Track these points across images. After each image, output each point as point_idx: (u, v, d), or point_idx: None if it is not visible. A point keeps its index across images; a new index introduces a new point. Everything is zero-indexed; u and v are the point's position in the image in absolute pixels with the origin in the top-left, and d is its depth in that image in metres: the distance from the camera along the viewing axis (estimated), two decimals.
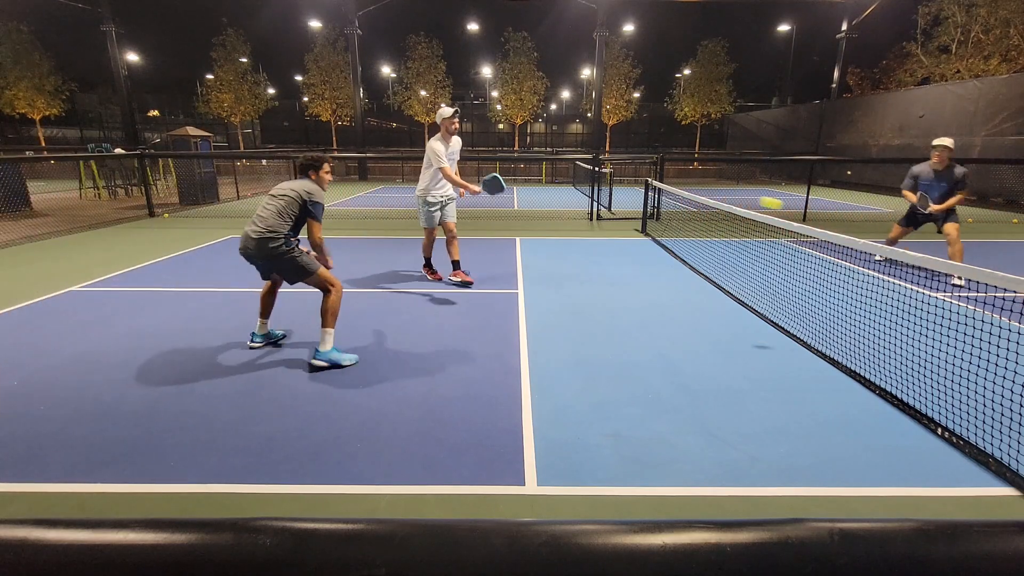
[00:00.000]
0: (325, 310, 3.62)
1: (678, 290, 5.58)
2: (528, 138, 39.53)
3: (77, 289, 5.44)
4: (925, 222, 6.22)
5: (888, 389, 3.26)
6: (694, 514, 2.26)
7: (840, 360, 3.70)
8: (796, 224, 4.19)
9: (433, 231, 5.79)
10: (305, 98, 30.03)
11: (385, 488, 2.38)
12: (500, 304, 5.03)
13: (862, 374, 3.47)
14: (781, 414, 3.03)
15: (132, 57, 26.24)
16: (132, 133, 20.24)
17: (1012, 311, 4.11)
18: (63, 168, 20.30)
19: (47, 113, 26.83)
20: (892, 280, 5.66)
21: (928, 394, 3.09)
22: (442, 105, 6.07)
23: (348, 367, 3.61)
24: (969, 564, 0.43)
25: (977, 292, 5.21)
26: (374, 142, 35.71)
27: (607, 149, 29.61)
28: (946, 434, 2.77)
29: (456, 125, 5.53)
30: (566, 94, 44.81)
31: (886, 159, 16.96)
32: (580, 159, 14.44)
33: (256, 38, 29.85)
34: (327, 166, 3.87)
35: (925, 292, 4.92)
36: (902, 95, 17.50)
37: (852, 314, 4.47)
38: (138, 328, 4.33)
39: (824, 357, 3.79)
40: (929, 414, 2.94)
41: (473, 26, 29.62)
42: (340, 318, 4.57)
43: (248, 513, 2.16)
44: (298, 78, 32.22)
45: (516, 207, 12.89)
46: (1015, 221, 10.62)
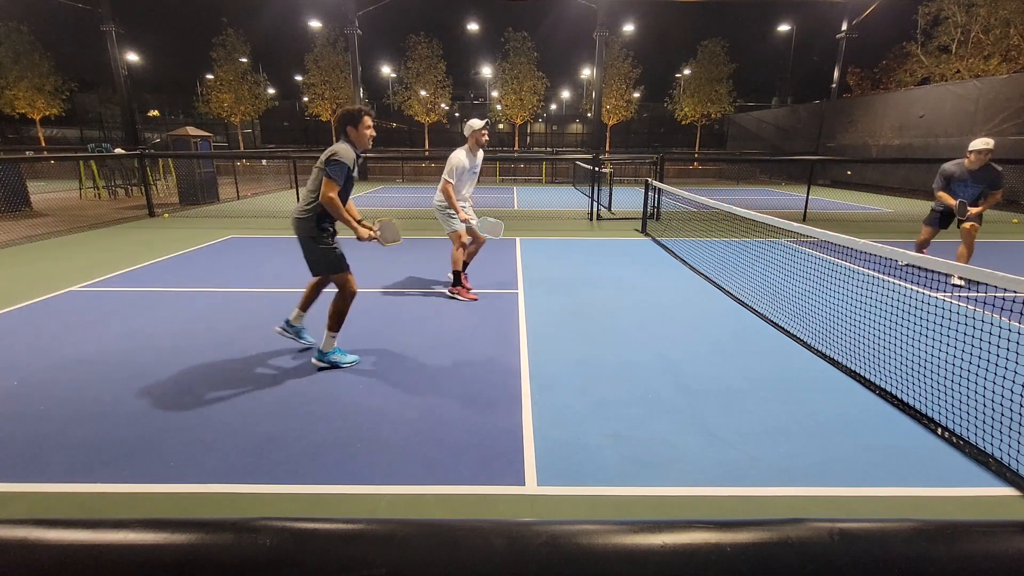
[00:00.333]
0: (333, 312, 3.55)
1: (678, 290, 5.58)
2: (528, 138, 39.54)
3: (77, 289, 5.44)
4: (950, 222, 5.87)
5: (888, 389, 3.26)
6: (694, 514, 2.26)
7: (840, 360, 3.70)
8: (796, 224, 4.19)
9: (461, 235, 5.18)
10: (305, 98, 30.04)
11: (385, 488, 2.38)
12: (500, 304, 5.03)
13: (862, 374, 3.47)
14: (781, 414, 3.03)
15: (132, 57, 26.24)
16: (132, 133, 20.22)
17: (1012, 311, 4.11)
18: (63, 168, 20.31)
19: (47, 113, 26.85)
20: (892, 280, 5.66)
21: (928, 394, 3.09)
22: (473, 117, 5.69)
23: (348, 367, 3.61)
24: (969, 564, 0.43)
25: (977, 292, 5.21)
26: (374, 142, 35.69)
27: (607, 149, 29.62)
28: (946, 434, 2.77)
29: (486, 138, 5.21)
30: (566, 94, 44.83)
31: (886, 159, 16.99)
32: (580, 159, 14.44)
33: (256, 38, 29.92)
34: (367, 119, 3.49)
35: (925, 292, 4.92)
36: (902, 95, 17.51)
37: (852, 314, 4.47)
38: (138, 328, 4.33)
39: (824, 357, 3.79)
40: (929, 414, 2.94)
41: (473, 26, 29.63)
42: (345, 319, 4.58)
43: (248, 513, 2.16)
44: (298, 78, 32.24)
45: (516, 207, 12.89)
46: (1015, 221, 10.62)
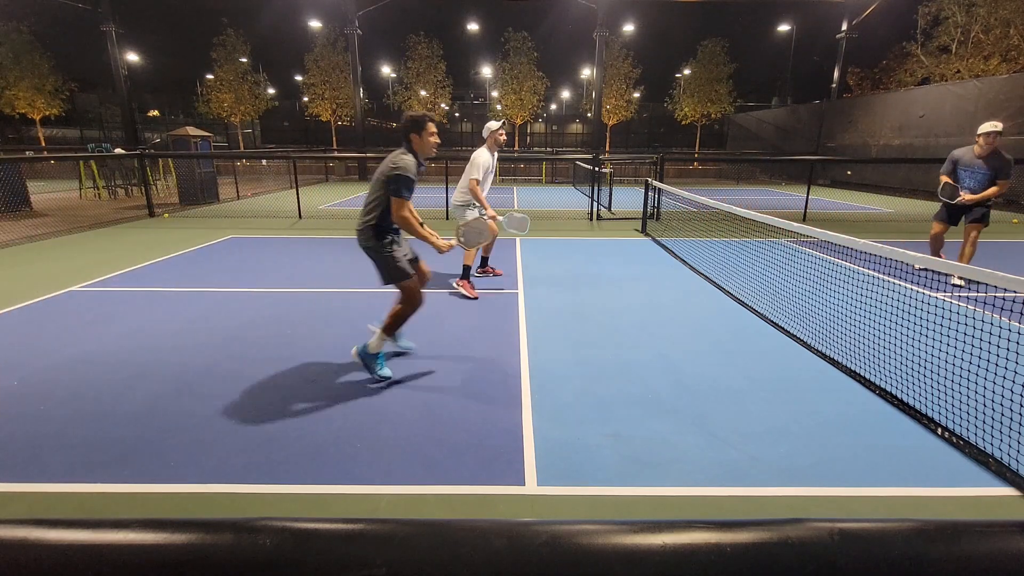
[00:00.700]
0: (392, 314, 3.38)
1: (678, 290, 5.58)
2: (528, 138, 39.53)
3: (77, 289, 5.44)
4: (962, 215, 5.73)
5: (888, 389, 3.26)
6: (694, 514, 2.26)
7: (840, 360, 3.70)
8: (796, 224, 4.19)
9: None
10: (305, 98, 30.03)
11: (385, 488, 2.38)
12: (500, 304, 5.03)
13: (862, 374, 3.47)
14: (781, 414, 3.03)
15: (132, 57, 26.26)
16: (132, 133, 20.23)
17: (1012, 311, 4.11)
18: (63, 168, 20.32)
19: (47, 113, 26.82)
20: (892, 280, 5.66)
21: (928, 394, 3.09)
22: (490, 120, 5.89)
23: (378, 380, 3.39)
24: (969, 564, 0.43)
25: (977, 292, 5.21)
26: (374, 142, 35.67)
27: (607, 149, 29.61)
28: (946, 434, 2.77)
29: (504, 137, 5.41)
30: (566, 94, 44.80)
31: (886, 159, 16.98)
32: (580, 159, 14.44)
33: (256, 38, 29.87)
34: (431, 126, 3.37)
35: (925, 292, 4.92)
36: (902, 95, 17.51)
37: (852, 314, 4.47)
38: (138, 328, 4.33)
39: (824, 357, 3.79)
40: (929, 414, 2.94)
41: (473, 26, 29.62)
42: (346, 319, 4.59)
43: (248, 513, 2.17)
44: (298, 78, 32.22)
45: (516, 207, 12.89)
46: (1015, 221, 10.62)
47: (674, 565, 0.43)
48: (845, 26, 21.51)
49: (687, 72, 29.50)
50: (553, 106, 45.81)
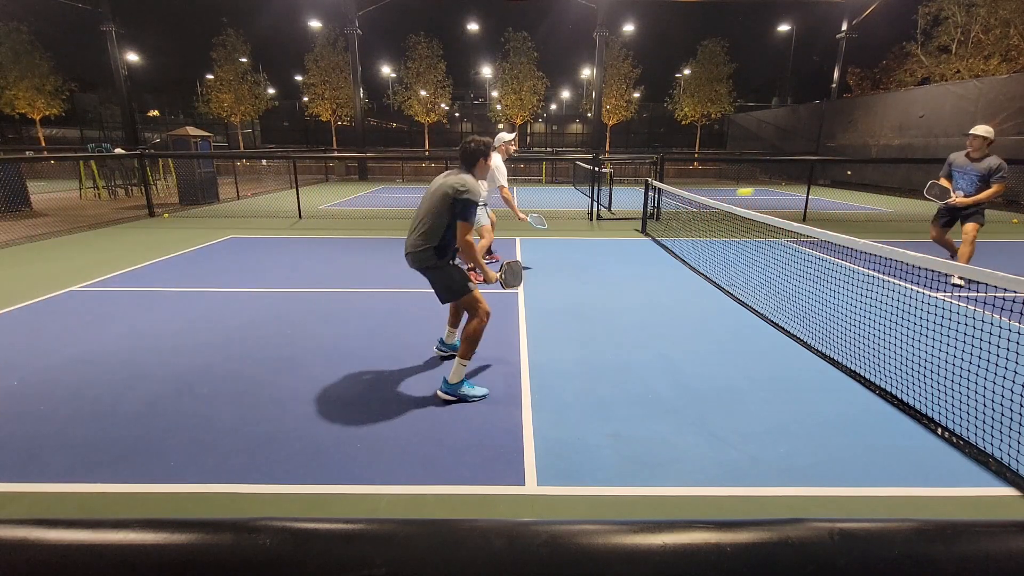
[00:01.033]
0: (465, 337, 3.17)
1: (678, 290, 5.58)
2: (528, 138, 39.53)
3: (77, 289, 5.44)
4: (957, 218, 5.80)
5: (888, 389, 3.26)
6: (694, 514, 2.26)
7: (840, 360, 3.70)
8: (796, 224, 4.19)
9: (487, 229, 6.05)
10: (305, 98, 30.02)
11: (385, 488, 2.38)
12: (500, 304, 5.02)
13: (862, 374, 3.47)
14: (781, 414, 3.03)
15: (132, 57, 26.24)
16: (132, 133, 20.24)
17: (1012, 311, 4.11)
18: (63, 168, 20.31)
19: (47, 113, 26.80)
20: (892, 280, 5.66)
21: (928, 394, 3.09)
22: (502, 131, 6.60)
23: (477, 400, 3.18)
24: (969, 564, 0.43)
25: (977, 292, 5.21)
26: (374, 142, 35.73)
27: (607, 149, 29.61)
28: (946, 434, 2.77)
29: (515, 147, 6.03)
30: (566, 94, 44.81)
31: (886, 159, 16.98)
32: (580, 159, 14.44)
33: (256, 38, 29.84)
34: (495, 154, 3.40)
35: (925, 292, 4.92)
36: (902, 95, 17.50)
37: (852, 314, 4.47)
38: (138, 328, 4.33)
39: (824, 357, 3.79)
40: (929, 414, 2.94)
41: (473, 26, 29.60)
42: (346, 319, 4.59)
43: (248, 513, 2.17)
44: (298, 78, 32.21)
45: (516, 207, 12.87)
46: (1015, 221, 10.62)
47: (674, 565, 0.43)
48: (845, 26, 21.52)
49: (687, 72, 29.49)
50: (553, 106, 45.82)
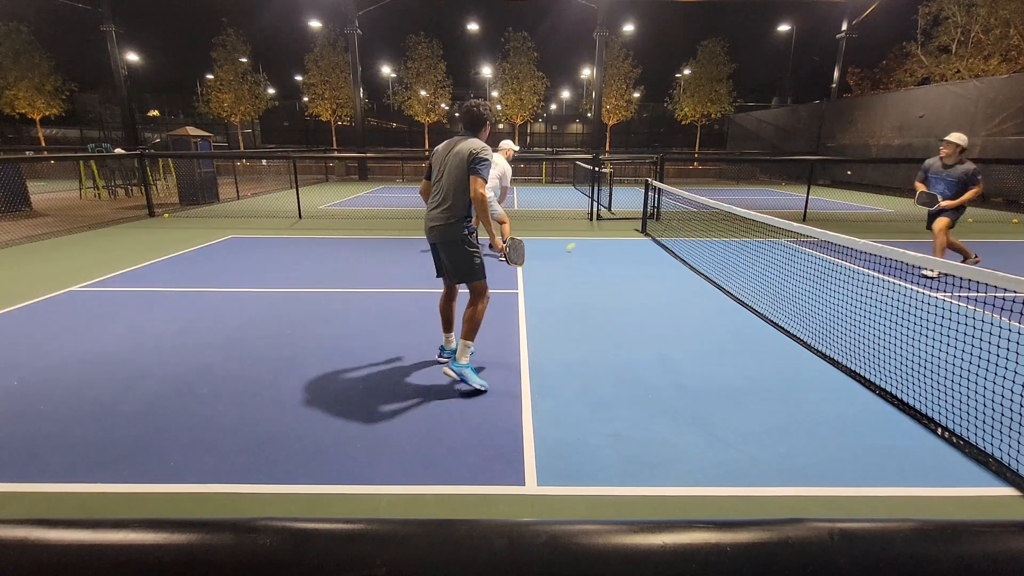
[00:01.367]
0: (469, 319, 3.34)
1: (678, 290, 5.58)
2: (528, 138, 39.52)
3: (77, 289, 5.44)
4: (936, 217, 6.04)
5: (888, 389, 3.26)
6: (694, 514, 2.26)
7: (840, 360, 3.70)
8: (796, 224, 4.19)
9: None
10: (305, 98, 30.03)
11: (385, 488, 2.38)
12: (500, 304, 5.02)
13: (862, 374, 3.47)
14: (781, 414, 3.03)
15: (132, 57, 26.25)
16: (132, 133, 20.25)
17: (1012, 311, 4.11)
18: (63, 168, 20.32)
19: (47, 113, 26.82)
20: (892, 280, 5.66)
21: (928, 394, 3.09)
22: (509, 142, 6.86)
23: (476, 390, 3.28)
24: (969, 564, 0.43)
25: (977, 292, 5.21)
26: (374, 142, 35.71)
27: (607, 149, 29.61)
28: (946, 434, 2.77)
29: (512, 155, 6.68)
30: (566, 94, 44.79)
31: (886, 159, 16.97)
32: (580, 159, 14.44)
33: (256, 38, 29.85)
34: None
35: (925, 292, 4.92)
36: (902, 95, 17.50)
37: (852, 314, 4.47)
38: (138, 328, 4.33)
39: (824, 357, 3.79)
40: (929, 414, 2.94)
41: (473, 26, 29.60)
42: (346, 319, 4.60)
43: (248, 513, 2.17)
44: (298, 78, 32.20)
45: (516, 207, 12.89)
46: (1015, 221, 10.62)
47: (674, 565, 0.43)
48: (845, 26, 21.52)
49: (687, 72, 29.49)
50: (553, 106, 45.82)
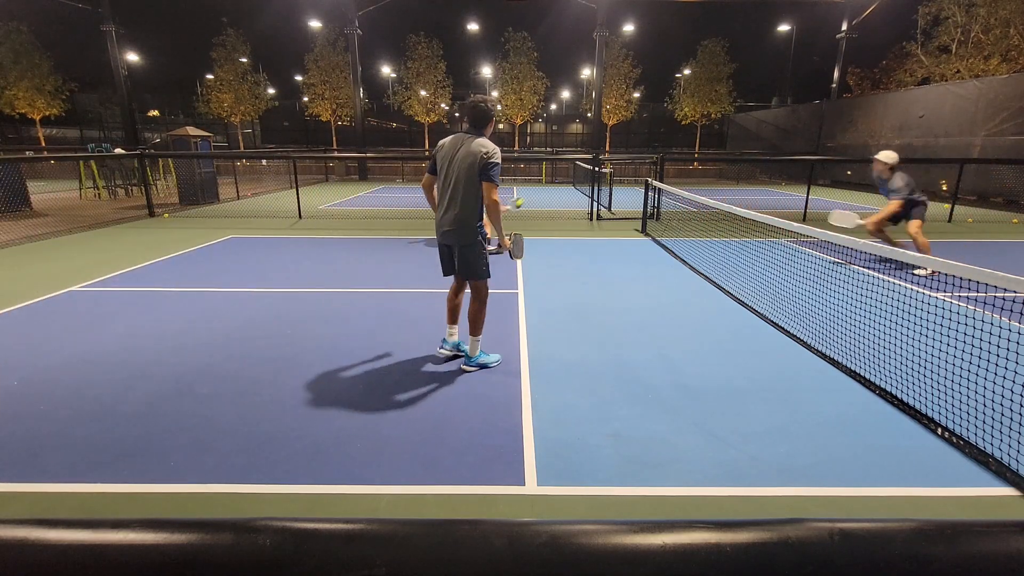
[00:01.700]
0: (474, 317, 3.53)
1: (678, 290, 5.58)
2: (528, 138, 39.52)
3: (77, 289, 5.44)
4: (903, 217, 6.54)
5: (888, 389, 3.26)
6: (694, 514, 2.26)
7: (840, 360, 3.70)
8: (796, 224, 4.19)
9: None
10: (305, 98, 30.02)
11: (385, 488, 2.38)
12: (500, 304, 5.02)
13: (862, 374, 3.47)
14: (781, 414, 3.03)
15: (132, 57, 26.23)
16: (132, 133, 20.24)
17: (1012, 311, 4.11)
18: (63, 168, 20.31)
19: (47, 113, 26.80)
20: (892, 280, 5.66)
21: (928, 394, 3.09)
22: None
23: (494, 366, 3.60)
24: (969, 564, 0.43)
25: (977, 292, 5.21)
26: (374, 142, 35.71)
27: (607, 149, 29.60)
28: (946, 434, 2.77)
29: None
30: (566, 94, 44.80)
31: None
32: (580, 159, 14.44)
33: (256, 38, 29.83)
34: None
35: (925, 292, 4.92)
36: (902, 95, 17.50)
37: (852, 314, 4.47)
38: (138, 328, 4.33)
39: (824, 357, 3.79)
40: (929, 414, 2.94)
41: (473, 26, 29.60)
42: (345, 318, 4.60)
43: (248, 513, 2.16)
44: (298, 78, 32.21)
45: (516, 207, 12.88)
46: (1015, 221, 10.61)
47: (674, 565, 0.43)
48: (845, 26, 21.51)
49: (687, 72, 29.49)
50: (553, 106, 45.82)
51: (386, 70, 38.56)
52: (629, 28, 26.92)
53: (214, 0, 32.18)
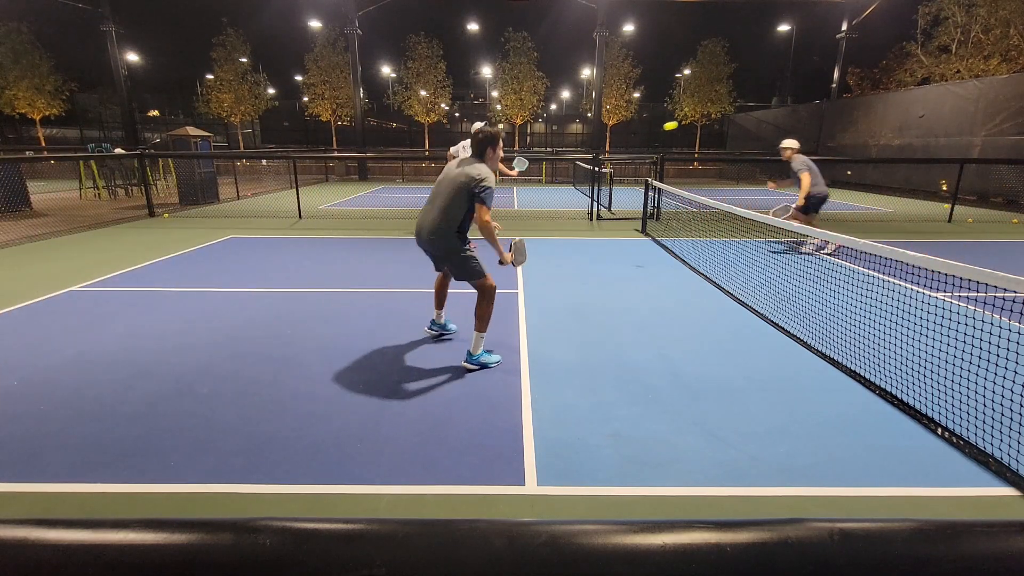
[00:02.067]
0: (480, 314, 3.55)
1: (678, 290, 5.58)
2: (528, 138, 39.52)
3: (77, 289, 5.44)
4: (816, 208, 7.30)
5: (888, 389, 3.26)
6: (694, 514, 2.26)
7: (840, 360, 3.70)
8: (796, 224, 4.19)
9: None
10: (305, 98, 30.01)
11: (385, 488, 2.38)
12: (500, 304, 5.01)
13: (862, 374, 3.47)
14: (781, 414, 3.03)
15: (132, 57, 26.23)
16: (132, 133, 20.24)
17: (1012, 311, 4.11)
18: (63, 168, 20.31)
19: (47, 113, 26.78)
20: (892, 280, 5.66)
21: (928, 394, 3.09)
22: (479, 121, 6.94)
23: (494, 366, 3.63)
24: (969, 564, 0.43)
25: (977, 292, 5.21)
26: (374, 142, 35.71)
27: (607, 149, 29.60)
28: (946, 434, 2.77)
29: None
30: (566, 94, 44.80)
31: (886, 159, 16.98)
32: (580, 159, 14.44)
33: (256, 38, 29.81)
34: (502, 143, 3.59)
35: (925, 292, 4.92)
36: (902, 95, 17.49)
37: (852, 314, 4.47)
38: (138, 328, 4.33)
39: (824, 357, 3.79)
40: (929, 414, 2.94)
41: (473, 26, 29.59)
42: (346, 319, 4.60)
43: (248, 513, 2.17)
44: (298, 78, 32.19)
45: (516, 207, 12.89)
46: (1015, 221, 10.61)
47: (674, 565, 0.43)
48: (845, 26, 21.51)
49: (687, 72, 29.49)
50: (553, 106, 45.82)
51: (386, 70, 38.57)
52: (629, 28, 26.90)
53: (214, 0, 32.16)
